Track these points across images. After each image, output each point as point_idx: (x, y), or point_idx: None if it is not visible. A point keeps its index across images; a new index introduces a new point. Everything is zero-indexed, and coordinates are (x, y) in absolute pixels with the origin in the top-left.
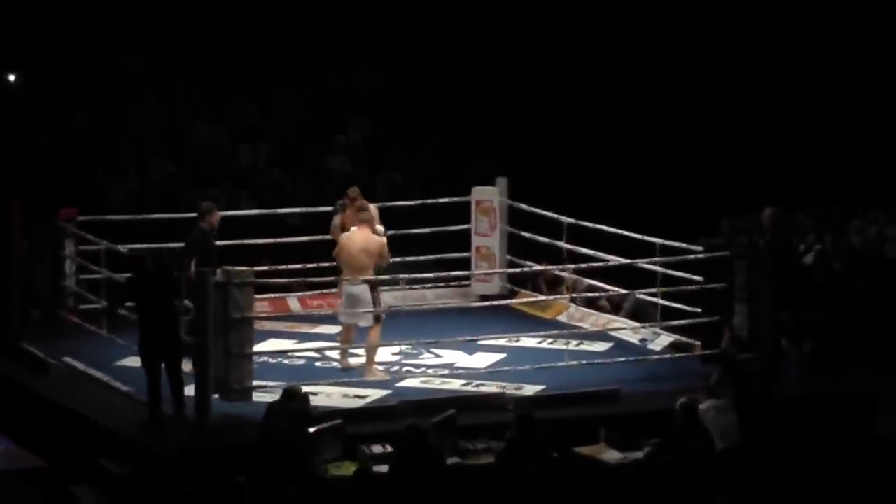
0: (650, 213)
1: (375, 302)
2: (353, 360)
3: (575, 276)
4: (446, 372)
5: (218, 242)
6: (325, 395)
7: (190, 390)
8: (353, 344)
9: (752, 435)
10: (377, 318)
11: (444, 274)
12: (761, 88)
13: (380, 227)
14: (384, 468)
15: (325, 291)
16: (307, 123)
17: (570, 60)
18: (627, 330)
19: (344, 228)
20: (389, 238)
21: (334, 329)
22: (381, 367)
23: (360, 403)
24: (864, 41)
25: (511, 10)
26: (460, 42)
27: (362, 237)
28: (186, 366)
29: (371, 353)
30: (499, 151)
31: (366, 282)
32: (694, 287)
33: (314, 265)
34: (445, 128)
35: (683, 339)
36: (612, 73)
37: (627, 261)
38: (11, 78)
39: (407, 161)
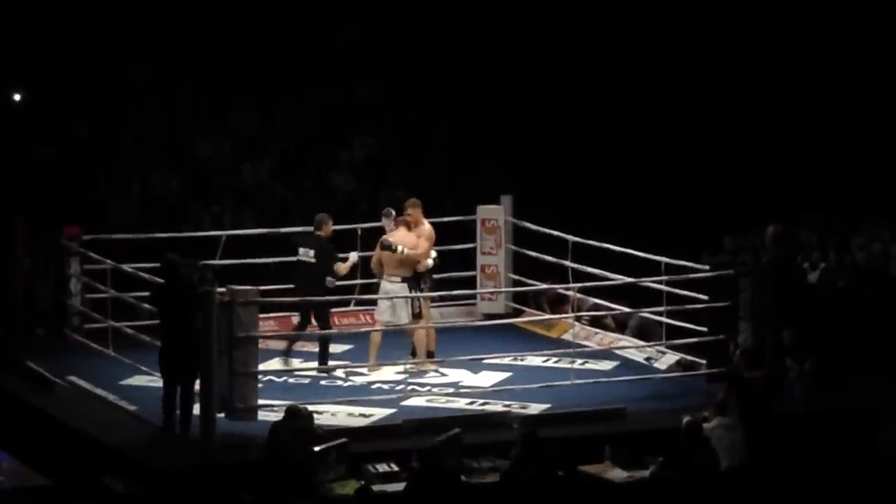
0: (653, 228)
1: (415, 299)
2: (358, 379)
3: (579, 295)
4: (452, 390)
5: (221, 262)
6: (331, 414)
7: (195, 409)
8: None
9: (757, 452)
10: (419, 315)
11: (449, 293)
12: (762, 103)
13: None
14: (388, 487)
15: (331, 310)
16: (310, 140)
17: (573, 72)
18: (633, 348)
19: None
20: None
21: (339, 348)
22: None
23: (365, 422)
24: (864, 55)
25: (514, 20)
26: (463, 53)
27: (401, 236)
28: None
29: (420, 347)
30: (502, 163)
31: (404, 280)
32: (699, 305)
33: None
34: (448, 141)
35: (689, 357)
36: (615, 85)
37: (632, 279)
38: (17, 97)
39: (410, 178)
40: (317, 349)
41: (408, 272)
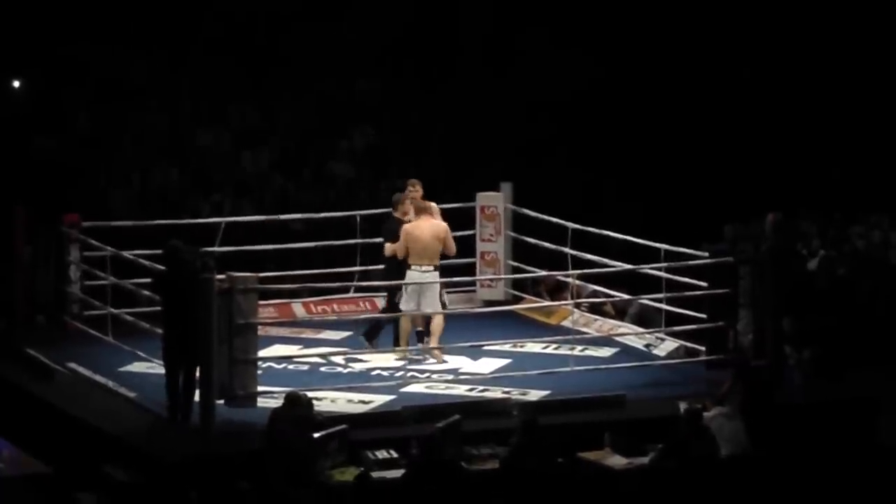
0: (653, 218)
1: (441, 288)
2: (358, 366)
3: (579, 282)
4: (451, 377)
5: (221, 249)
6: (330, 401)
7: (195, 396)
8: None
9: (758, 442)
10: (443, 304)
11: (449, 279)
12: (763, 95)
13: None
14: (387, 474)
15: (329, 297)
16: (310, 129)
17: (572, 66)
18: (632, 335)
19: (401, 222)
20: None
21: (339, 335)
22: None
23: (364, 409)
24: (864, 49)
25: (513, 16)
26: (463, 48)
27: (429, 224)
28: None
29: (436, 336)
30: (502, 157)
31: (435, 268)
32: (698, 293)
33: (318, 271)
34: (448, 134)
35: (688, 344)
36: (614, 79)
37: (632, 266)
38: (16, 84)
39: (410, 167)
40: (313, 336)
41: (438, 261)
